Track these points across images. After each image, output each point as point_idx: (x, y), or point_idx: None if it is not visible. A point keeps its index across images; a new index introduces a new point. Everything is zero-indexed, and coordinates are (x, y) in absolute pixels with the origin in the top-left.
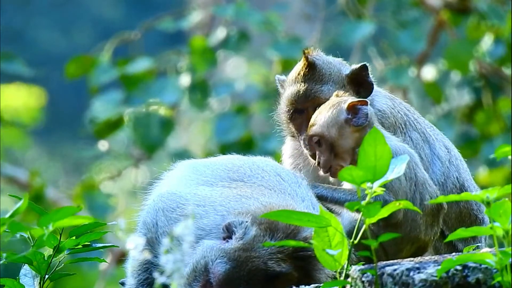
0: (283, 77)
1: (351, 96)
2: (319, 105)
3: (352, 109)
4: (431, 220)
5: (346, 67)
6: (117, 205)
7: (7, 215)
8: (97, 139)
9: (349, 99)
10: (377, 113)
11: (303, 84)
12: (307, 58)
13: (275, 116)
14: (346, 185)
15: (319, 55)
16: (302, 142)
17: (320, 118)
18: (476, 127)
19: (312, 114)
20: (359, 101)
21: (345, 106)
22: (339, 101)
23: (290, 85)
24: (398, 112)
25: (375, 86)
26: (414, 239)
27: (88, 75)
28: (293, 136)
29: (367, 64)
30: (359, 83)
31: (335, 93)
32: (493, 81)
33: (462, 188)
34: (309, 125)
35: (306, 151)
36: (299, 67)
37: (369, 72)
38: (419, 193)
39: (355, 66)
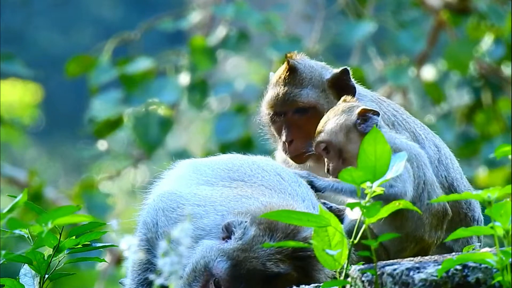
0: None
1: (328, 98)
2: (297, 109)
3: (363, 116)
4: (436, 222)
5: (328, 72)
6: (115, 205)
7: (6, 209)
8: (96, 138)
9: (362, 105)
10: None
11: (282, 87)
12: (288, 62)
13: (257, 118)
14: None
15: (302, 59)
16: (281, 145)
17: (328, 124)
18: (476, 127)
19: (291, 117)
20: (371, 110)
21: (356, 111)
22: (350, 106)
23: (271, 88)
24: (385, 113)
25: (362, 89)
26: (418, 239)
27: (88, 75)
28: (274, 139)
29: (348, 68)
30: (341, 88)
31: (342, 98)
32: (493, 81)
33: (451, 188)
34: (316, 131)
35: (285, 155)
36: (281, 70)
37: (350, 76)
38: (427, 192)
39: (336, 70)
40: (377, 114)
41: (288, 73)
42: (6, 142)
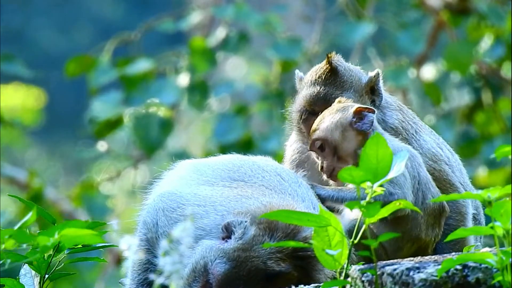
0: (302, 74)
1: (365, 103)
2: None
3: (359, 114)
4: (432, 220)
5: (364, 76)
6: (115, 206)
7: (17, 226)
8: (97, 139)
9: (356, 104)
10: (390, 131)
11: (323, 87)
12: (330, 63)
13: (286, 113)
14: (350, 186)
15: (340, 61)
16: (310, 143)
17: (324, 122)
18: (476, 128)
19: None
20: (366, 108)
21: (352, 110)
22: (344, 106)
23: (309, 86)
24: (408, 123)
25: (387, 96)
26: (415, 238)
27: (88, 75)
28: (302, 136)
29: (379, 71)
30: (373, 91)
31: (337, 99)
32: (493, 82)
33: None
34: (311, 130)
35: (313, 153)
36: (321, 70)
37: (380, 79)
38: (421, 192)
39: (371, 73)
40: (372, 111)
41: (329, 74)
42: (6, 142)
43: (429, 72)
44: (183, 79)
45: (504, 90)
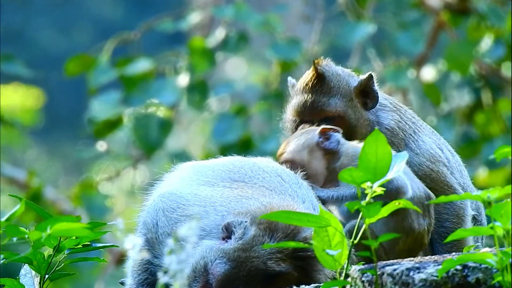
0: (294, 80)
1: (355, 107)
2: (325, 118)
3: (324, 134)
4: (421, 208)
5: (354, 79)
6: (115, 206)
7: (4, 218)
8: (96, 139)
9: (321, 126)
10: (386, 132)
11: (310, 95)
12: (316, 69)
13: (280, 123)
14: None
15: (328, 66)
16: None
17: (289, 145)
18: (476, 128)
19: (318, 125)
20: (331, 128)
21: (317, 131)
22: (309, 129)
23: (298, 95)
24: (406, 123)
25: (382, 97)
26: (408, 229)
27: (87, 75)
28: None
29: (373, 74)
30: (366, 94)
31: (301, 126)
32: (493, 82)
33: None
34: (278, 154)
35: None
36: (308, 77)
37: (374, 81)
38: None
39: (363, 76)
40: (337, 131)
41: (316, 81)
42: (6, 142)
43: (429, 72)
44: (183, 79)
45: (504, 90)
